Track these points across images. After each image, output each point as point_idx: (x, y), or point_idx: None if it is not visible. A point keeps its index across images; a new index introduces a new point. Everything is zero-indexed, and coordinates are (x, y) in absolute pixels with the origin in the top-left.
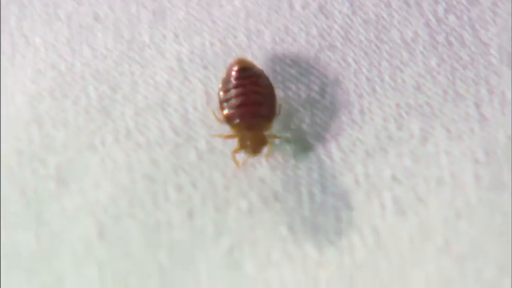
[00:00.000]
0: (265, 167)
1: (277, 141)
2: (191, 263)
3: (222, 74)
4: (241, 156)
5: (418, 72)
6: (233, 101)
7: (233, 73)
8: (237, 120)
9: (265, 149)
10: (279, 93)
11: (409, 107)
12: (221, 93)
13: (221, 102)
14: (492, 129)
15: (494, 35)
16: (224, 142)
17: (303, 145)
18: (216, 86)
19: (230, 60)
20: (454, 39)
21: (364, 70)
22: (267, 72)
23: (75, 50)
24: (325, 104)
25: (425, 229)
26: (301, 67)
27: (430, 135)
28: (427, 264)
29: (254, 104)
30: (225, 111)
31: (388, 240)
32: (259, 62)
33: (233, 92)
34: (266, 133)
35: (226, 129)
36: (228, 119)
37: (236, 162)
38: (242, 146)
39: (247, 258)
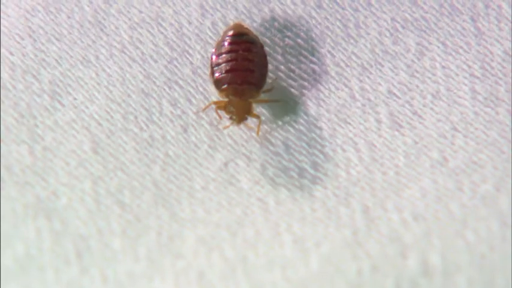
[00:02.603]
0: None
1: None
2: (186, 178)
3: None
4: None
5: None
6: (223, 66)
7: (227, 38)
8: (225, 86)
9: (254, 122)
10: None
11: (405, 21)
12: (213, 57)
13: (212, 66)
14: (488, 43)
15: None
16: None
17: (298, 60)
18: None
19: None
20: None
21: None
22: (264, 40)
23: None
24: (321, 18)
25: (421, 144)
26: None
27: (426, 50)
28: (423, 179)
29: (244, 70)
30: (215, 75)
31: (384, 155)
32: (256, 28)
33: (225, 56)
34: (253, 100)
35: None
36: (217, 84)
37: (219, 115)
38: (227, 112)
39: (242, 173)
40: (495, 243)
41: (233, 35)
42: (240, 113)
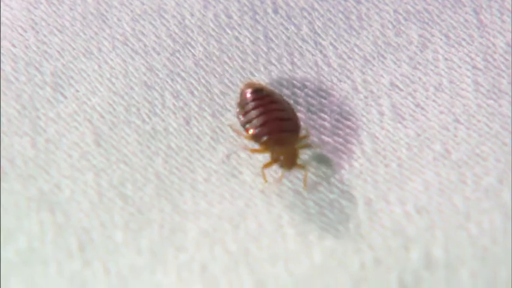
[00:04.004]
0: (260, 72)
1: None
2: (188, 170)
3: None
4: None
5: None
6: (256, 121)
7: (248, 95)
8: (265, 138)
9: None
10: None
11: (407, 13)
12: (241, 116)
13: (243, 124)
14: (491, 35)
15: None
16: (220, 48)
17: (300, 53)
18: None
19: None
20: None
21: None
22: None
23: None
24: (323, 10)
25: (424, 136)
26: None
27: (429, 42)
28: (425, 172)
29: (278, 119)
30: (251, 132)
31: (387, 147)
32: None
33: (254, 113)
34: (296, 146)
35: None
36: (256, 138)
37: (265, 177)
38: (276, 161)
39: (244, 165)
40: (498, 236)
41: (253, 92)
42: (288, 159)
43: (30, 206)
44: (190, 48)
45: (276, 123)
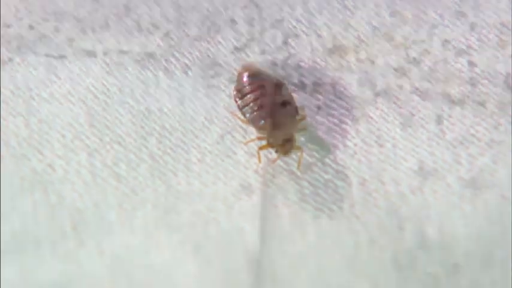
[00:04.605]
0: (255, 52)
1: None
2: (182, 150)
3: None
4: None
5: None
6: (253, 105)
7: (245, 79)
8: (262, 122)
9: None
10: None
11: None
12: (238, 100)
13: (240, 108)
14: (486, 15)
15: None
16: (215, 28)
17: (294, 33)
18: None
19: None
20: None
21: None
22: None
23: None
24: None
25: (418, 116)
26: None
27: (423, 22)
28: (419, 152)
29: (275, 104)
30: (247, 116)
31: (381, 127)
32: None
33: (251, 96)
34: (294, 130)
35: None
36: (253, 122)
37: (259, 157)
38: (271, 146)
39: (238, 146)
40: (493, 216)
41: (250, 75)
42: (285, 144)
43: (23, 186)
44: (184, 28)
45: (274, 107)
